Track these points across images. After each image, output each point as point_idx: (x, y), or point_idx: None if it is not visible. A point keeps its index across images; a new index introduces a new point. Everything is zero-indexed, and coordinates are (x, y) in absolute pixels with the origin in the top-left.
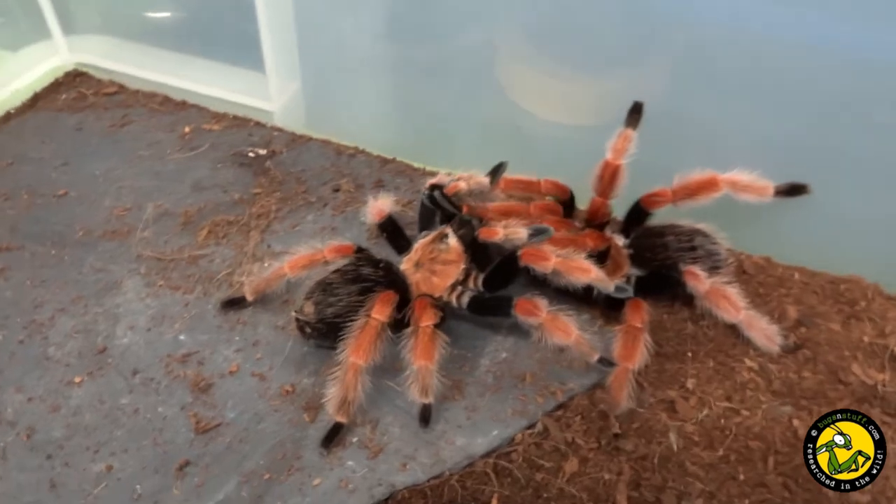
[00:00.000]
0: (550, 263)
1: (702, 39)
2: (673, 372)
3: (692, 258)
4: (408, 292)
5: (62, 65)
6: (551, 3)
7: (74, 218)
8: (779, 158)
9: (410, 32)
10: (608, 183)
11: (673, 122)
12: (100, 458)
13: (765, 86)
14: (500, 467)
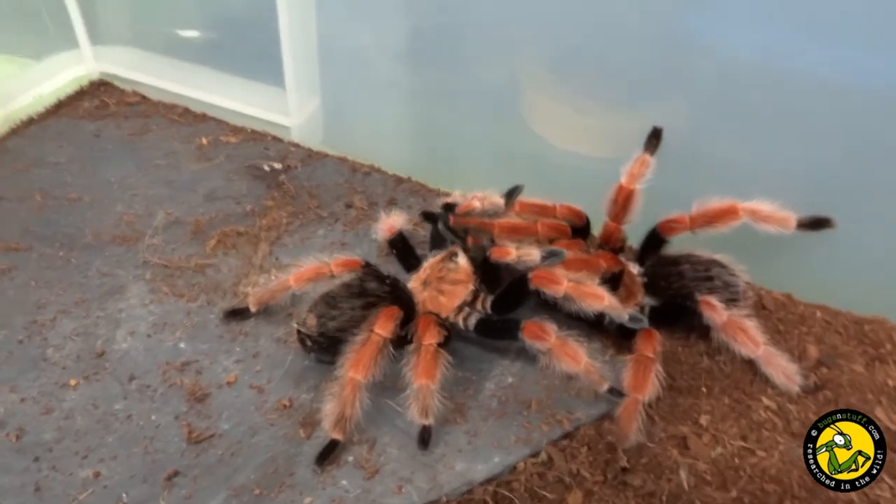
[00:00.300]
0: (562, 288)
1: (725, 73)
2: (686, 407)
3: (708, 288)
4: (413, 310)
5: (87, 74)
6: (576, 38)
7: (85, 222)
8: (803, 192)
9: (432, 56)
10: (621, 207)
11: (694, 156)
12: (88, 464)
13: (789, 119)
14: (499, 496)
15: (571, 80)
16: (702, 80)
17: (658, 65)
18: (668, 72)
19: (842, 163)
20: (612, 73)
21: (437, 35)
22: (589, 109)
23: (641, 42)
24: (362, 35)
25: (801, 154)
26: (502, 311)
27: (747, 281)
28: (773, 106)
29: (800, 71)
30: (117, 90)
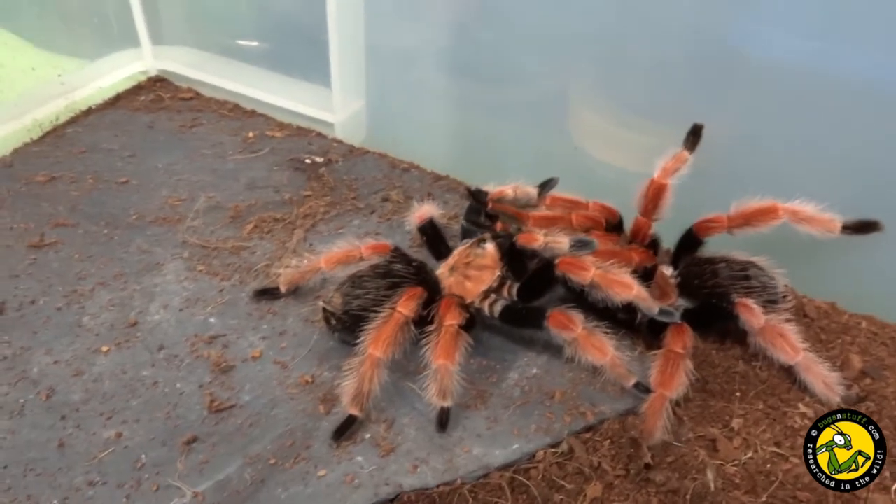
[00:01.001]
0: (589, 274)
1: (768, 80)
2: (717, 410)
3: (745, 289)
4: (438, 293)
5: (146, 70)
6: (624, 54)
7: (130, 203)
8: (852, 200)
9: (477, 62)
10: (651, 201)
11: (736, 171)
12: (111, 425)
13: (833, 126)
14: (516, 482)
15: (617, 94)
16: (744, 90)
17: (701, 79)
18: (711, 84)
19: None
20: (657, 87)
21: (483, 42)
22: (633, 124)
23: (687, 57)
24: (408, 39)
25: (850, 162)
26: (528, 299)
27: (786, 284)
28: (821, 111)
29: (849, 76)
30: (172, 86)
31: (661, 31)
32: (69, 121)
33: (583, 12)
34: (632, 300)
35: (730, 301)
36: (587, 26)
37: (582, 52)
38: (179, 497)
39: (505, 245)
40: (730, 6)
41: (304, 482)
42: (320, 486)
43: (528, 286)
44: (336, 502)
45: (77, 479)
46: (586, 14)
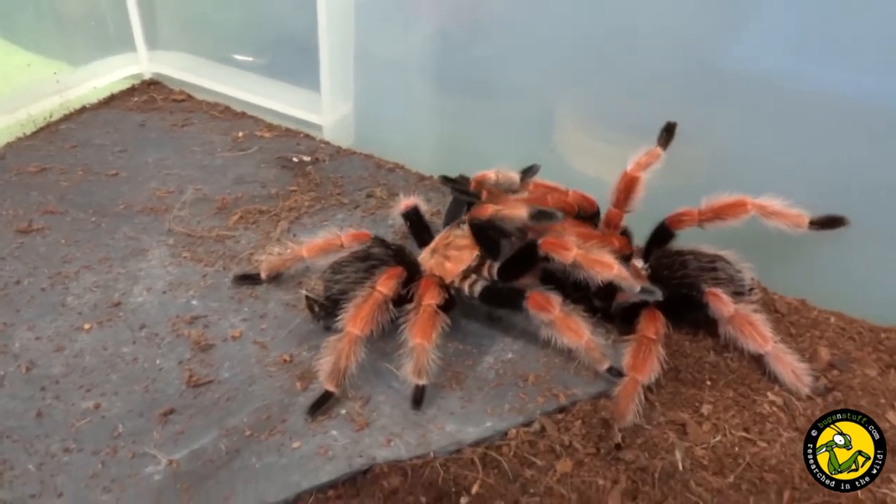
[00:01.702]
0: (571, 254)
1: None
2: (688, 396)
3: (713, 280)
4: (418, 274)
5: (140, 73)
6: (605, 71)
7: (119, 194)
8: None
9: (462, 69)
10: (623, 192)
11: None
12: (90, 397)
13: (804, 135)
14: (488, 458)
15: (601, 109)
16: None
17: (682, 95)
18: (692, 100)
19: (862, 175)
20: (639, 104)
21: (469, 54)
22: (615, 139)
23: (668, 74)
24: (397, 47)
25: (820, 169)
26: (508, 278)
27: (753, 277)
28: (795, 118)
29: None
30: (166, 88)
31: (644, 49)
32: (63, 118)
33: (567, 29)
34: (612, 279)
35: (699, 291)
36: (572, 42)
37: (567, 66)
38: (154, 464)
39: (476, 224)
40: (708, 26)
41: (278, 453)
42: (294, 457)
43: (508, 266)
44: (310, 472)
45: (53, 445)
46: (571, 30)
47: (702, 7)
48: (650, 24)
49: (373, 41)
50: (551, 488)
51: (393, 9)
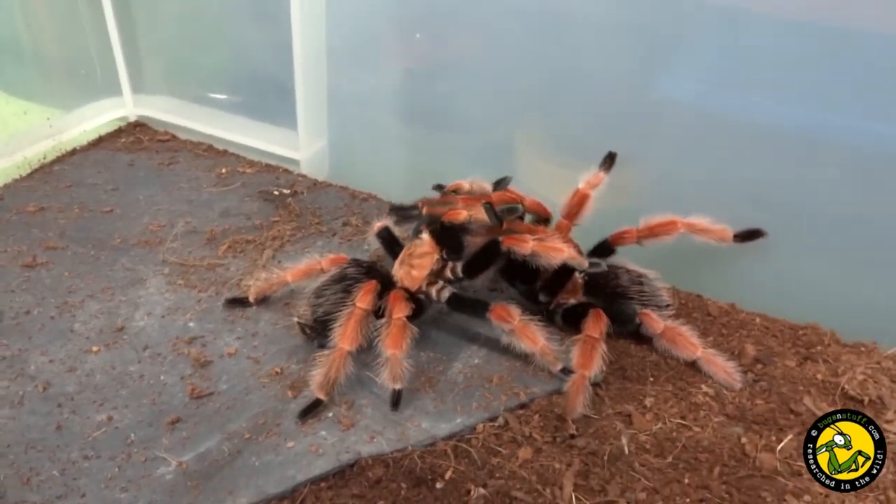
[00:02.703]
0: (529, 246)
1: (680, 121)
2: (633, 391)
3: (639, 293)
4: (392, 283)
5: (127, 115)
6: (559, 103)
7: (115, 229)
8: (749, 217)
9: (429, 108)
10: (575, 206)
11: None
12: (103, 410)
13: (728, 152)
14: (459, 449)
15: (557, 138)
16: (659, 130)
17: (621, 124)
18: (629, 128)
19: (777, 191)
20: (591, 131)
21: (434, 90)
22: (572, 164)
23: (609, 105)
24: (366, 86)
25: (743, 187)
26: (473, 274)
27: (669, 295)
28: (717, 142)
29: (738, 115)
30: (151, 130)
31: (587, 82)
32: (56, 159)
33: (520, 66)
34: (565, 260)
35: (633, 309)
36: (525, 77)
37: (521, 99)
38: (165, 466)
39: (437, 228)
40: (639, 60)
41: (275, 452)
42: (289, 455)
43: (472, 263)
44: (303, 467)
45: (73, 454)
46: (523, 67)
47: (633, 44)
48: (592, 59)
49: (344, 81)
50: (514, 472)
51: (362, 51)
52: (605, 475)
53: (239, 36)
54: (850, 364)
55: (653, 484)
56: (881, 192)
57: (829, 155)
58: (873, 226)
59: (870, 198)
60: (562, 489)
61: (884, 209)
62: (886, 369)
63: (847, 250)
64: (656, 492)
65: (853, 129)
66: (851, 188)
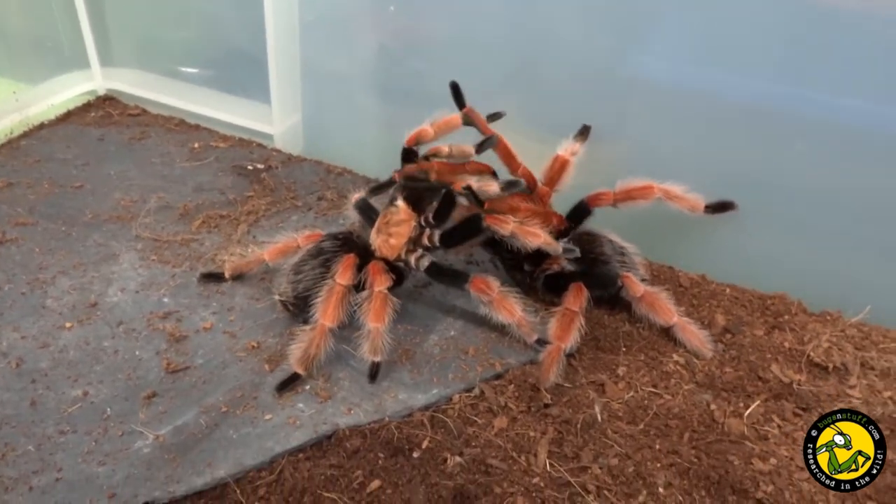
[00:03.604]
0: (509, 227)
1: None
2: (606, 361)
3: (620, 262)
4: (370, 254)
5: (95, 89)
6: (536, 79)
7: (86, 205)
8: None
9: (404, 84)
10: (556, 172)
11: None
12: (78, 386)
13: (699, 127)
14: (436, 419)
15: (534, 114)
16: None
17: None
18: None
19: (747, 166)
20: (568, 107)
21: (408, 66)
22: (547, 139)
23: (584, 81)
24: (340, 61)
25: (713, 162)
26: (451, 244)
27: (644, 263)
28: (689, 117)
29: (710, 91)
30: (121, 104)
31: (563, 58)
32: (22, 134)
33: (496, 42)
34: (540, 245)
35: (614, 272)
36: (500, 54)
37: (497, 76)
38: (142, 440)
39: (413, 195)
40: (619, 41)
41: (252, 424)
42: (267, 427)
43: (451, 234)
44: (281, 439)
45: (49, 429)
46: (499, 44)
47: (607, 21)
48: (566, 35)
49: (318, 55)
50: (490, 441)
51: (336, 26)
52: (579, 442)
53: (210, 8)
54: (816, 332)
55: (625, 450)
56: (847, 165)
57: (798, 129)
58: (839, 199)
59: (836, 171)
60: (536, 456)
61: (849, 183)
62: (850, 337)
63: (814, 223)
64: (628, 457)
65: (821, 104)
66: (818, 162)
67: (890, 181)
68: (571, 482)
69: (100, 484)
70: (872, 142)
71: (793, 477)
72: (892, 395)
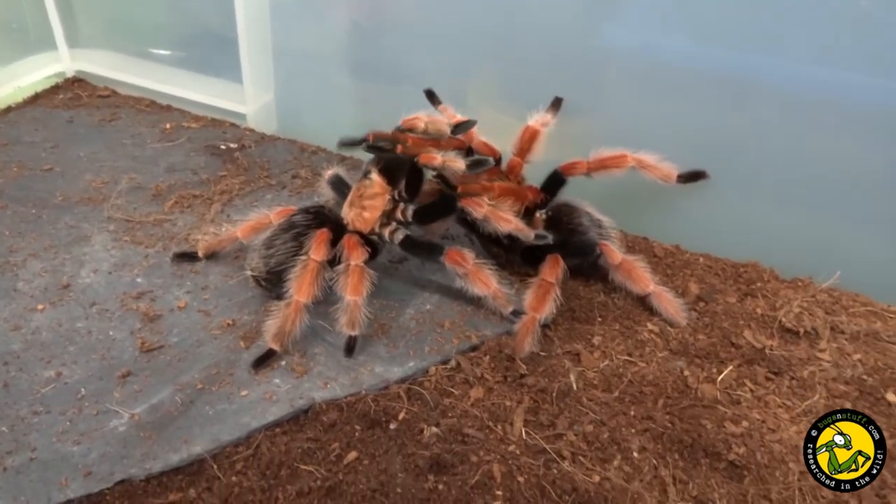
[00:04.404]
0: (483, 210)
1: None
2: (582, 331)
3: (598, 234)
4: (343, 227)
5: (63, 71)
6: (510, 54)
7: (56, 187)
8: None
9: (377, 61)
10: (526, 142)
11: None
12: (51, 367)
13: (673, 98)
14: (412, 391)
15: (509, 89)
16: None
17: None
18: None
19: (720, 136)
20: (538, 81)
21: (381, 43)
22: (522, 114)
23: (558, 54)
24: (312, 39)
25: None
26: (423, 221)
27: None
28: (662, 88)
29: (680, 61)
30: (90, 85)
31: (535, 32)
32: None
33: (468, 18)
34: (511, 231)
35: (592, 241)
36: (473, 29)
37: (471, 51)
38: (118, 418)
39: (388, 165)
40: (591, 12)
41: (229, 401)
42: (243, 403)
43: (425, 211)
44: (258, 414)
45: (22, 410)
46: (471, 19)
47: None
48: (538, 9)
49: (290, 33)
50: (466, 411)
51: (307, 2)
52: (555, 410)
53: None
54: (788, 298)
55: (600, 417)
56: (815, 133)
57: (766, 98)
58: (809, 167)
59: (805, 140)
60: (512, 425)
61: (817, 151)
62: (821, 302)
63: (785, 191)
64: (603, 424)
65: (789, 73)
66: (788, 131)
67: (858, 149)
68: (547, 449)
69: (75, 463)
70: (840, 110)
71: (764, 439)
72: (861, 358)
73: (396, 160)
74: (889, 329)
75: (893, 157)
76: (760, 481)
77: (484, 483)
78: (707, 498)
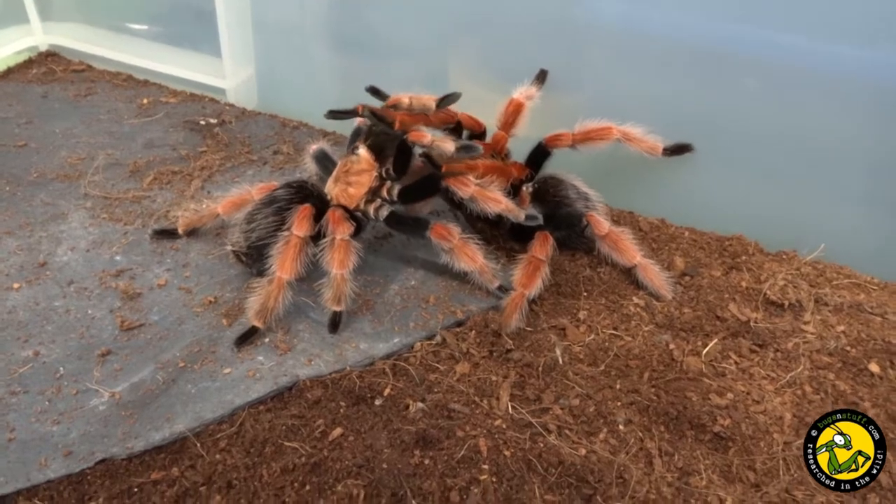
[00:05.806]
0: (470, 190)
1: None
2: (567, 306)
3: (585, 207)
4: (326, 203)
5: (36, 45)
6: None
7: (31, 164)
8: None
9: (359, 35)
10: (511, 115)
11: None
12: (28, 346)
13: (655, 71)
14: (398, 367)
15: (489, 64)
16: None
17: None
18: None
19: (704, 110)
20: (520, 55)
21: (363, 17)
22: (505, 89)
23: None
24: (293, 12)
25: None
26: (408, 200)
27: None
28: (645, 61)
29: (663, 33)
30: (64, 60)
31: (516, 6)
32: None
33: None
34: (500, 212)
35: (579, 212)
36: (460, 3)
37: (452, 25)
38: (98, 397)
39: (376, 141)
40: None
41: (211, 379)
42: (226, 381)
43: (410, 190)
44: (241, 391)
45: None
46: None
47: None
48: None
49: (270, 5)
50: (452, 386)
51: None
52: (541, 385)
53: None
54: (773, 271)
55: (586, 391)
56: (799, 107)
57: (751, 70)
58: (793, 140)
59: (789, 113)
60: (499, 400)
61: (802, 123)
62: (805, 274)
63: (770, 164)
64: (589, 397)
65: (774, 45)
66: (771, 104)
67: (843, 122)
68: (533, 423)
69: (55, 442)
70: (824, 83)
71: (749, 410)
72: (844, 330)
73: (386, 136)
74: (872, 301)
75: (877, 130)
76: (745, 452)
77: (470, 457)
78: (693, 469)
